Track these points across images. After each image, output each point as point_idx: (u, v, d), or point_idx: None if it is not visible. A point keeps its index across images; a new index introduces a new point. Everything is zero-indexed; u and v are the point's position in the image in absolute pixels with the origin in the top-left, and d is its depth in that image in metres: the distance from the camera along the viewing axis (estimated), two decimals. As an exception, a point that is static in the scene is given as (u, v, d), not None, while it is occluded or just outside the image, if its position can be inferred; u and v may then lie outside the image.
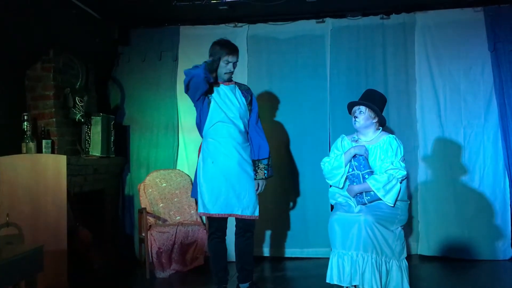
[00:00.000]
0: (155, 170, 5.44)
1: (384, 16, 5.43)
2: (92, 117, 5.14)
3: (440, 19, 5.33)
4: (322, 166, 4.01)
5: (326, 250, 5.03)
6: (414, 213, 5.33)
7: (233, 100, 3.94)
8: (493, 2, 5.17)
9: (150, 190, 5.26)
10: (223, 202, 3.87)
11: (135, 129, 5.75)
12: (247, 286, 4.04)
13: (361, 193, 3.80)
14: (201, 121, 3.97)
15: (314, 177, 5.35)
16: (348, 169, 3.86)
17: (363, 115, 3.87)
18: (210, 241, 4.01)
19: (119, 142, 5.58)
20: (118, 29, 5.55)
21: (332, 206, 4.10)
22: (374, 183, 3.72)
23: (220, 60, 3.87)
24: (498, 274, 4.77)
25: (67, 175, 4.23)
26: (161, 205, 5.25)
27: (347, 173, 3.87)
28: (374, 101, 3.89)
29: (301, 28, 5.58)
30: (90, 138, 5.12)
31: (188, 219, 5.22)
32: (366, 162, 3.81)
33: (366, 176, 3.78)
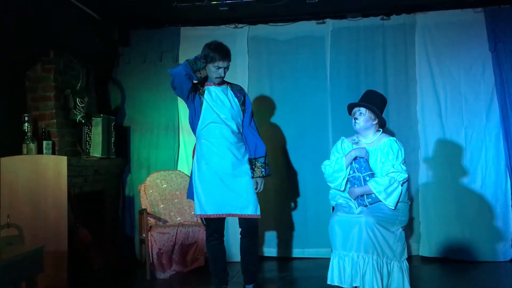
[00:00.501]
0: (156, 171, 5.44)
1: (384, 17, 5.43)
2: (92, 118, 5.14)
3: (440, 20, 5.33)
4: (323, 169, 4.00)
5: (327, 250, 5.03)
6: (415, 214, 5.32)
7: (224, 101, 3.91)
8: (493, 2, 5.17)
9: (151, 191, 5.26)
10: (219, 203, 3.85)
11: (136, 130, 5.76)
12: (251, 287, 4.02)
13: (362, 195, 3.80)
14: (193, 121, 3.96)
15: (315, 177, 5.34)
16: (349, 171, 3.86)
17: (363, 117, 3.86)
18: (208, 243, 4.00)
19: (120, 143, 5.58)
20: (118, 30, 5.55)
21: (333, 207, 4.09)
22: (376, 186, 3.72)
23: (205, 58, 3.81)
24: (499, 276, 4.75)
25: (68, 176, 4.24)
26: (161, 206, 5.25)
27: (348, 175, 3.86)
28: (375, 102, 3.87)
29: (301, 29, 5.58)
30: (90, 139, 5.12)
31: (188, 220, 5.21)
32: (366, 164, 3.80)
33: (367, 178, 3.77)
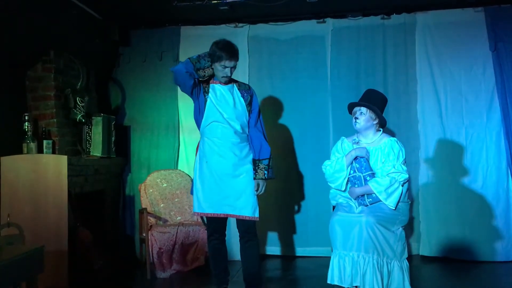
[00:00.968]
0: (156, 170, 5.44)
1: (384, 16, 5.43)
2: (93, 117, 5.14)
3: (440, 19, 5.32)
4: (324, 169, 4.00)
5: (327, 249, 5.03)
6: (416, 213, 5.32)
7: (229, 100, 3.84)
8: (493, 2, 5.17)
9: (151, 191, 5.27)
10: (217, 202, 3.80)
11: (136, 129, 5.76)
12: None
13: (362, 195, 3.80)
14: (197, 118, 3.91)
15: (315, 177, 5.34)
16: (349, 171, 3.85)
17: (364, 116, 3.86)
18: (208, 242, 3.97)
19: (120, 142, 5.58)
20: (118, 29, 5.54)
21: (333, 206, 4.09)
22: (376, 186, 3.72)
23: (212, 56, 3.75)
24: (499, 276, 4.74)
25: (68, 176, 4.24)
26: (161, 205, 5.25)
27: (349, 175, 3.86)
28: (375, 102, 3.87)
29: (301, 28, 5.58)
30: (91, 139, 5.12)
31: (189, 219, 5.21)
32: (367, 164, 3.80)
33: (368, 178, 3.77)
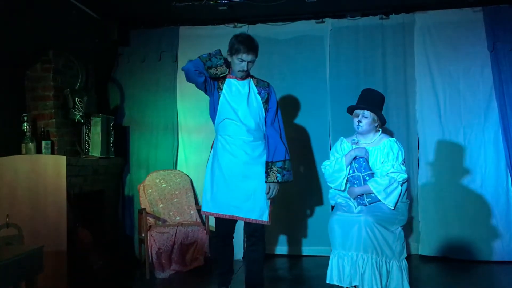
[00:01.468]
0: (155, 170, 5.44)
1: (383, 16, 5.42)
2: (91, 117, 5.13)
3: (439, 19, 5.32)
4: (323, 169, 3.99)
5: (326, 248, 5.04)
6: (415, 213, 5.32)
7: (244, 96, 3.67)
8: (492, 2, 5.17)
9: (150, 191, 5.26)
10: (224, 203, 3.69)
11: (135, 129, 5.74)
12: None
13: (361, 195, 3.80)
14: (212, 115, 3.79)
15: (315, 177, 5.34)
16: (348, 171, 3.85)
17: (367, 120, 3.84)
18: (214, 243, 3.91)
19: (119, 142, 5.57)
20: (117, 29, 5.54)
21: (332, 206, 4.09)
22: (375, 186, 3.72)
23: (230, 50, 3.63)
24: (498, 276, 4.75)
25: (67, 176, 4.23)
26: (161, 205, 5.25)
27: (348, 175, 3.85)
28: (376, 103, 3.87)
29: (300, 28, 5.57)
30: (89, 139, 5.11)
31: (188, 220, 5.21)
32: (366, 164, 3.80)
33: (367, 178, 3.77)
